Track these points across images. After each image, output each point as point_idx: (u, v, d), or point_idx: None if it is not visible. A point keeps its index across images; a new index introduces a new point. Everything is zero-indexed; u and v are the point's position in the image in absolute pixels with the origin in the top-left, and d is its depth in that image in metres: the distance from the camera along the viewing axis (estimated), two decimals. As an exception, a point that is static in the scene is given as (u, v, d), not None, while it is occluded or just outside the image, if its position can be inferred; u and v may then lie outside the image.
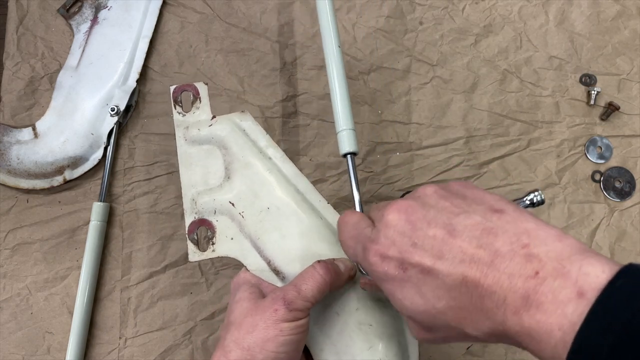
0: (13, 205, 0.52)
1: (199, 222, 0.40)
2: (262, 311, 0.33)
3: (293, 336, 0.33)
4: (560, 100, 0.58)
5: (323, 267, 0.34)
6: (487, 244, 0.24)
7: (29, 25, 0.54)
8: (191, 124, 0.42)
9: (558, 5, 0.60)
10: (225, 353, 0.33)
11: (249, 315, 0.34)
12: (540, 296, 0.22)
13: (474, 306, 0.24)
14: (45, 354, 0.49)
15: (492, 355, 0.53)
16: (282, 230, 0.39)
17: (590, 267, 0.22)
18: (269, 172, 0.40)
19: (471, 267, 0.24)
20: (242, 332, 0.33)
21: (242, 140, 0.41)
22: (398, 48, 0.58)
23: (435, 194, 0.29)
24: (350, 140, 0.38)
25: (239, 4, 0.57)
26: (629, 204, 0.57)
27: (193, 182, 0.41)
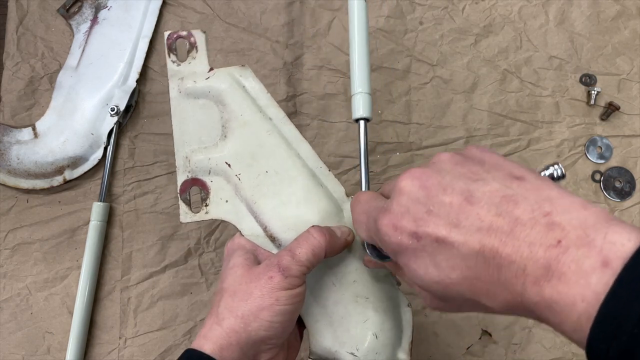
0: (13, 205, 0.52)
1: (191, 182, 0.38)
2: (256, 278, 0.32)
3: (289, 306, 0.32)
4: (560, 100, 0.58)
5: (318, 231, 0.33)
6: (507, 212, 0.23)
7: (29, 25, 0.54)
8: (186, 75, 0.40)
9: (558, 5, 0.60)
10: (218, 321, 0.32)
11: (243, 283, 0.33)
12: (562, 266, 0.21)
13: (490, 277, 0.23)
14: (45, 353, 0.49)
15: (492, 355, 0.53)
16: (280, 196, 0.37)
17: (616, 236, 0.20)
18: (268, 134, 0.38)
19: (489, 236, 0.23)
20: (236, 300, 0.32)
21: (241, 96, 0.38)
22: (398, 48, 0.58)
23: (452, 159, 0.27)
24: (365, 105, 0.37)
25: (239, 4, 0.57)
26: (629, 204, 0.57)
27: (186, 139, 0.39)
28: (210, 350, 0.31)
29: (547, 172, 0.31)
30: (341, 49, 0.57)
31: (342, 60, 0.56)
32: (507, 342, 0.54)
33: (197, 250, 0.52)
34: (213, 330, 0.32)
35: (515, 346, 0.54)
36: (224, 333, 0.31)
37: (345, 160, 0.55)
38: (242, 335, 0.31)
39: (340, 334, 0.35)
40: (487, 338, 0.54)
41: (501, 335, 0.54)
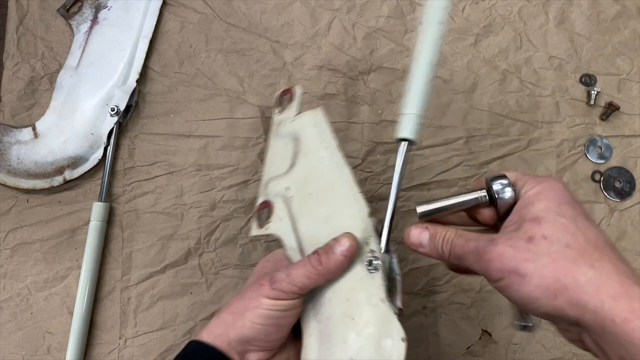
0: (13, 205, 0.52)
1: (264, 203, 0.44)
2: (252, 284, 0.36)
3: (272, 312, 0.34)
4: (560, 100, 0.58)
5: (316, 260, 0.35)
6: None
7: (29, 25, 0.54)
8: (282, 121, 0.47)
9: (558, 5, 0.60)
10: (218, 313, 0.36)
11: (246, 287, 0.37)
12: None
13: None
14: (45, 354, 0.49)
15: (492, 355, 0.53)
16: (315, 215, 0.40)
17: None
18: (319, 161, 0.43)
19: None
20: (235, 299, 0.36)
21: (310, 133, 0.44)
22: (398, 48, 0.58)
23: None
24: (412, 126, 0.36)
25: (239, 4, 0.57)
26: (629, 204, 0.57)
27: (271, 169, 0.46)
28: (207, 338, 0.35)
29: (471, 196, 0.34)
30: (341, 49, 0.57)
31: (342, 60, 0.56)
32: (507, 342, 0.54)
33: (197, 250, 0.52)
34: (212, 320, 0.36)
35: (515, 346, 0.54)
36: (217, 323, 0.35)
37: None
38: (230, 329, 0.34)
39: (322, 351, 0.35)
40: (487, 338, 0.54)
41: (501, 335, 0.54)
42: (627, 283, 0.29)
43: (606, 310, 0.28)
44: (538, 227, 0.31)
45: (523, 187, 0.33)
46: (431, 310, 0.54)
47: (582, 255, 0.30)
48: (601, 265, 0.30)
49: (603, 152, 0.58)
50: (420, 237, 0.36)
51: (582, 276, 0.29)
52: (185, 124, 0.54)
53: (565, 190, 0.33)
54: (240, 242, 0.53)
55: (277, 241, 0.53)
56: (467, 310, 0.54)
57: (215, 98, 0.55)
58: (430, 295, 0.54)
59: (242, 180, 0.54)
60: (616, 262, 0.30)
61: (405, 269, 0.54)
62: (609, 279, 0.29)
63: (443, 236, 0.35)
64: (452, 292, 0.54)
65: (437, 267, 0.54)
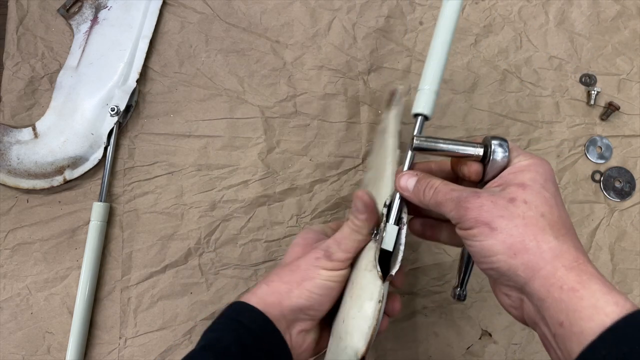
0: (13, 205, 0.52)
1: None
2: (306, 256, 0.38)
3: (329, 282, 0.37)
4: (560, 100, 0.58)
5: (358, 223, 0.38)
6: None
7: (29, 25, 0.54)
8: (382, 119, 0.52)
9: (558, 5, 0.60)
10: (267, 282, 0.38)
11: (295, 259, 0.39)
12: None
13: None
14: (45, 354, 0.49)
15: (492, 355, 0.53)
16: (371, 189, 0.44)
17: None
18: (379, 146, 0.48)
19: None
20: (286, 270, 0.38)
21: (389, 123, 0.47)
22: (398, 48, 0.58)
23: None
24: (427, 102, 0.40)
25: (239, 4, 0.57)
26: (629, 204, 0.57)
27: (370, 164, 0.52)
28: (255, 303, 0.36)
29: (467, 147, 0.37)
30: (341, 49, 0.57)
31: (342, 61, 0.56)
32: (507, 342, 0.54)
33: (197, 250, 0.52)
34: (261, 288, 0.38)
35: (515, 346, 0.54)
36: (270, 291, 0.37)
37: (346, 160, 0.55)
38: (285, 297, 0.37)
39: (335, 314, 0.39)
40: (487, 338, 0.54)
41: (501, 335, 0.54)
42: (582, 259, 0.31)
43: (557, 277, 0.30)
44: (522, 192, 0.33)
45: (516, 157, 0.36)
46: (431, 310, 0.54)
47: (552, 227, 0.32)
48: (565, 239, 0.32)
49: (603, 152, 0.58)
50: (408, 181, 0.38)
51: (545, 244, 0.31)
52: (185, 124, 0.54)
53: (552, 171, 0.36)
54: (240, 242, 0.53)
55: (276, 241, 0.53)
56: (467, 310, 0.54)
57: (215, 98, 0.55)
58: (430, 295, 0.54)
59: (242, 180, 0.54)
60: (577, 243, 0.33)
61: (405, 269, 0.54)
62: (568, 252, 0.31)
63: (429, 181, 0.37)
64: (452, 292, 0.54)
65: (437, 267, 0.54)
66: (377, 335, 0.36)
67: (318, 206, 0.54)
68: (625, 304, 0.28)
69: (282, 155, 0.54)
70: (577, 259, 0.31)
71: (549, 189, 0.34)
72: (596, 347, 0.27)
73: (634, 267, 0.56)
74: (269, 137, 0.54)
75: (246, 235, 0.53)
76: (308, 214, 0.54)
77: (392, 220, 0.38)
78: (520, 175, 0.34)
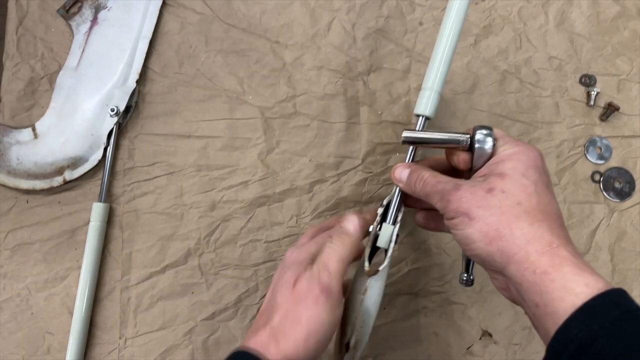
0: (13, 205, 0.52)
1: None
2: (304, 299, 0.35)
3: (335, 320, 0.36)
4: (560, 101, 0.58)
5: (340, 239, 0.38)
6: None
7: (28, 25, 0.54)
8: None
9: (558, 5, 0.60)
10: (275, 338, 0.34)
11: (292, 304, 0.35)
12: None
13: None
14: (45, 354, 0.49)
15: (493, 355, 0.53)
16: None
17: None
18: None
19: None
20: (289, 322, 0.35)
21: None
22: (398, 49, 0.58)
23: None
24: (429, 103, 0.41)
25: (238, 5, 0.57)
26: (629, 204, 0.57)
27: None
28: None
29: (455, 137, 0.39)
30: (341, 49, 0.57)
31: (342, 61, 0.56)
32: (508, 342, 0.54)
33: (197, 250, 0.52)
34: (270, 346, 0.34)
35: (515, 346, 0.54)
36: (280, 355, 0.34)
37: (345, 160, 0.55)
38: (300, 356, 0.34)
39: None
40: (487, 338, 0.54)
41: (501, 335, 0.54)
42: (556, 243, 0.32)
43: (530, 262, 0.32)
44: (500, 181, 0.35)
45: (502, 145, 0.37)
46: (431, 310, 0.54)
47: (527, 214, 0.34)
48: (539, 224, 0.33)
49: (603, 152, 0.58)
50: (402, 173, 0.40)
51: (518, 230, 0.33)
52: (185, 124, 0.54)
53: (538, 158, 0.37)
54: (240, 243, 0.53)
55: (276, 241, 0.53)
56: (467, 310, 0.54)
57: (215, 99, 0.55)
58: (430, 295, 0.54)
59: (241, 181, 0.54)
60: (554, 227, 0.34)
61: (405, 269, 0.54)
62: (541, 237, 0.33)
63: (419, 174, 0.39)
64: (452, 292, 0.54)
65: (437, 267, 0.54)
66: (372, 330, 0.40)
67: (318, 206, 0.54)
68: (596, 284, 0.30)
69: (282, 156, 0.54)
70: (550, 243, 0.32)
71: (529, 176, 0.35)
72: (568, 326, 0.29)
73: (633, 267, 0.56)
74: (269, 138, 0.54)
75: (246, 236, 0.53)
76: (308, 214, 0.54)
77: (390, 220, 0.41)
78: (501, 165, 0.36)
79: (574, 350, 0.29)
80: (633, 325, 0.29)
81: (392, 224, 0.41)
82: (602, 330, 0.28)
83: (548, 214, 0.34)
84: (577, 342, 0.28)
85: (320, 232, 0.41)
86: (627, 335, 0.28)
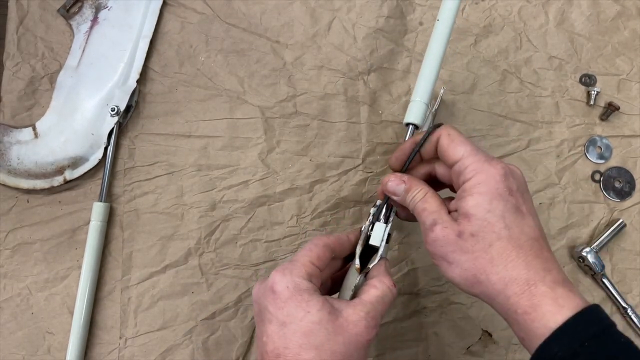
0: (13, 205, 0.52)
1: None
2: (341, 334, 0.34)
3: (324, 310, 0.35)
4: (560, 101, 0.58)
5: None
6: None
7: (29, 25, 0.54)
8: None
9: (558, 5, 0.60)
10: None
11: (325, 341, 0.33)
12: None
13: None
14: (46, 353, 0.49)
15: (493, 355, 0.53)
16: None
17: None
18: None
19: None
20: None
21: None
22: (398, 48, 0.58)
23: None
24: (417, 112, 0.44)
25: (239, 5, 0.57)
26: (629, 204, 0.57)
27: None
28: None
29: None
30: (341, 49, 0.57)
31: (342, 61, 0.56)
32: (508, 342, 0.54)
33: (197, 250, 0.52)
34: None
35: (515, 346, 0.54)
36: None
37: (345, 160, 0.55)
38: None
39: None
40: (487, 338, 0.54)
41: (501, 335, 0.54)
42: (533, 280, 0.33)
43: (511, 304, 0.33)
44: (468, 224, 0.35)
45: (466, 168, 0.36)
46: (431, 310, 0.54)
47: (500, 255, 0.34)
48: (514, 265, 0.34)
49: (603, 152, 0.58)
50: (396, 188, 0.40)
51: (494, 276, 0.34)
52: (186, 124, 0.54)
53: (502, 181, 0.36)
54: (240, 242, 0.53)
55: (276, 241, 0.53)
56: (467, 310, 0.54)
57: (216, 98, 0.55)
58: (430, 295, 0.54)
59: (242, 181, 0.54)
60: (530, 259, 0.34)
61: (405, 269, 0.54)
62: (517, 278, 0.33)
63: (413, 196, 0.39)
64: (452, 292, 0.54)
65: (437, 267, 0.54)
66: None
67: (318, 206, 0.54)
68: (576, 309, 0.32)
69: (282, 156, 0.54)
70: (527, 282, 0.33)
71: (495, 211, 0.35)
72: (549, 344, 0.32)
73: (633, 267, 0.56)
74: (269, 138, 0.54)
75: (246, 236, 0.53)
76: (308, 214, 0.54)
77: (383, 219, 0.42)
78: (464, 204, 0.36)
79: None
80: (610, 342, 0.32)
81: (384, 223, 0.42)
82: (582, 348, 0.30)
83: (522, 248, 0.34)
84: (559, 359, 0.31)
85: None
86: (607, 349, 0.31)
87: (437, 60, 0.45)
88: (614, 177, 0.57)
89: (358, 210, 0.54)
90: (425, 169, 0.43)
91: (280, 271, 0.36)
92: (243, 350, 0.51)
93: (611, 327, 0.33)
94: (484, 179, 0.35)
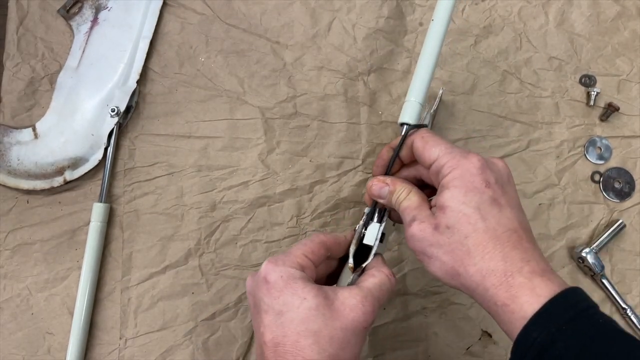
0: (13, 205, 0.52)
1: None
2: (338, 319, 0.34)
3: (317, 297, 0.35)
4: (560, 101, 0.58)
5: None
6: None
7: (29, 25, 0.54)
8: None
9: (558, 5, 0.60)
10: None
11: (323, 327, 0.34)
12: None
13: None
14: (46, 354, 0.49)
15: (492, 355, 0.53)
16: None
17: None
18: None
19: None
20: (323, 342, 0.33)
21: None
22: (398, 49, 0.58)
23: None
24: (411, 113, 0.44)
25: (239, 5, 0.57)
26: (629, 204, 0.57)
27: None
28: None
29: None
30: (341, 49, 0.57)
31: (343, 61, 0.56)
32: (508, 342, 0.53)
33: (197, 251, 0.52)
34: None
35: (514, 346, 0.54)
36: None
37: (345, 161, 0.55)
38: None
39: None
40: (487, 338, 0.54)
41: (501, 335, 0.54)
42: (510, 271, 0.33)
43: (490, 296, 0.33)
44: (443, 216, 0.35)
45: (443, 167, 0.37)
46: (431, 310, 0.54)
47: (477, 247, 0.34)
48: (490, 256, 0.34)
49: (602, 152, 0.58)
50: (380, 191, 0.41)
51: (471, 267, 0.34)
52: (186, 124, 0.54)
53: (478, 174, 0.36)
54: (240, 243, 0.53)
55: (276, 242, 0.53)
56: (467, 310, 0.54)
57: (216, 99, 0.55)
58: (430, 296, 0.54)
59: (242, 181, 0.54)
60: (508, 250, 0.34)
61: (405, 270, 0.54)
62: (494, 269, 0.33)
63: (397, 197, 0.40)
64: (452, 293, 0.54)
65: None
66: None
67: (318, 207, 0.54)
68: (553, 292, 0.32)
69: (282, 156, 0.54)
70: (505, 273, 0.33)
71: (470, 203, 0.35)
72: (528, 329, 0.32)
73: (632, 267, 0.56)
74: (269, 138, 0.54)
75: (246, 236, 0.53)
76: (308, 214, 0.54)
77: (376, 219, 0.43)
78: (440, 197, 0.36)
79: (535, 354, 0.31)
80: (588, 324, 0.31)
81: (378, 222, 0.43)
82: (559, 333, 0.30)
83: (499, 239, 0.34)
84: (538, 347, 0.31)
85: None
86: (585, 331, 0.31)
87: (432, 60, 0.45)
88: (613, 177, 0.57)
89: (358, 210, 0.54)
90: (411, 173, 0.44)
91: (272, 261, 0.37)
92: (243, 351, 0.51)
93: (589, 308, 0.32)
94: (460, 173, 0.36)
